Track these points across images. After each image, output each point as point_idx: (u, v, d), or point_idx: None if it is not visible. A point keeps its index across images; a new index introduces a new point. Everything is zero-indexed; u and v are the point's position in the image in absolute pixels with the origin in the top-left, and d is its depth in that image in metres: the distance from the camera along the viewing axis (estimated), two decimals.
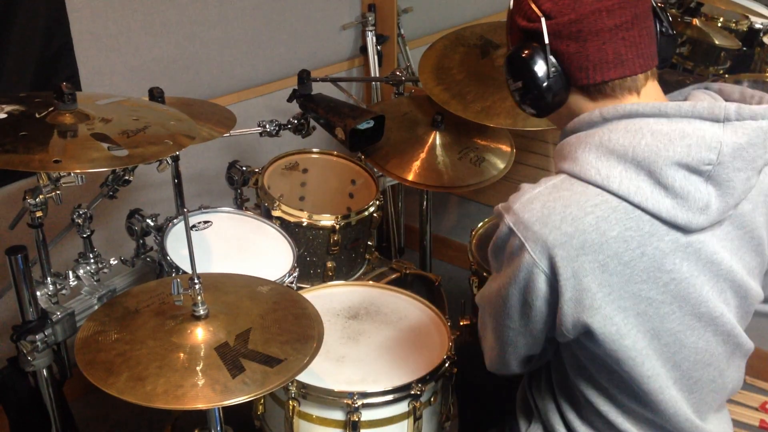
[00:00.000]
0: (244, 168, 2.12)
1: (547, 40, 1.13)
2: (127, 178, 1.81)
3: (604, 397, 1.21)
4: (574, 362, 1.22)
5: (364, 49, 3.01)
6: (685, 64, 3.32)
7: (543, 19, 1.13)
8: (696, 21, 3.25)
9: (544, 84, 1.15)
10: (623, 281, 1.09)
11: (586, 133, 1.13)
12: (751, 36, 3.28)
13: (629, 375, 1.14)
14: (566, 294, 1.09)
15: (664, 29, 1.19)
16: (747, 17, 3.29)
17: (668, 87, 1.23)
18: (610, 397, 1.21)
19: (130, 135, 1.45)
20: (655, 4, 1.17)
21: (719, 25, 3.29)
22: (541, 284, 1.11)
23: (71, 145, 1.40)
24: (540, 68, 1.15)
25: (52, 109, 1.48)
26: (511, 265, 1.13)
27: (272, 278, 1.65)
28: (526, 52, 1.15)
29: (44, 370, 1.71)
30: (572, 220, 1.07)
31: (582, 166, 1.10)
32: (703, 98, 1.15)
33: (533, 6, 1.14)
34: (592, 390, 1.22)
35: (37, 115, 1.47)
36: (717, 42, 3.17)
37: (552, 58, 1.14)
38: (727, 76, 3.09)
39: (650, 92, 1.16)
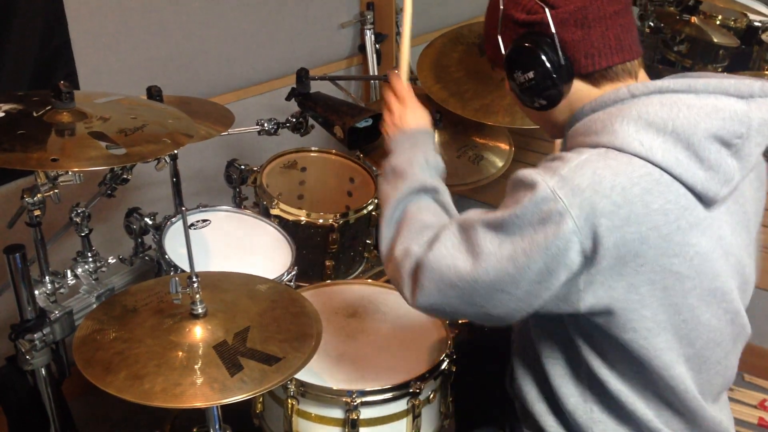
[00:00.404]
0: (242, 166, 2.12)
1: (553, 29, 1.14)
2: (125, 176, 1.81)
3: (615, 373, 1.20)
4: (587, 337, 1.21)
5: (362, 48, 3.01)
6: (684, 61, 3.32)
7: (547, 10, 1.14)
8: (694, 19, 3.25)
9: (554, 74, 1.16)
10: (658, 254, 1.09)
11: (618, 108, 1.13)
12: (749, 34, 3.28)
13: (641, 347, 1.14)
14: (601, 263, 1.07)
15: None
16: (746, 15, 3.30)
17: None
18: (621, 374, 1.20)
19: (128, 133, 1.45)
20: None
21: (718, 23, 3.29)
22: (574, 255, 1.07)
23: (69, 144, 1.40)
24: (549, 58, 1.16)
25: (49, 107, 1.48)
26: (545, 231, 1.07)
27: (271, 277, 1.65)
28: (531, 43, 1.16)
29: (43, 369, 1.71)
30: (621, 189, 1.06)
31: (624, 138, 1.09)
32: (726, 77, 1.15)
33: None
34: (603, 366, 1.21)
35: (34, 114, 1.47)
36: (715, 40, 3.17)
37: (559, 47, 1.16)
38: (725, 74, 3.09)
39: (644, 77, 1.20)
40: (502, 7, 1.22)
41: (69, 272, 1.77)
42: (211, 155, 2.56)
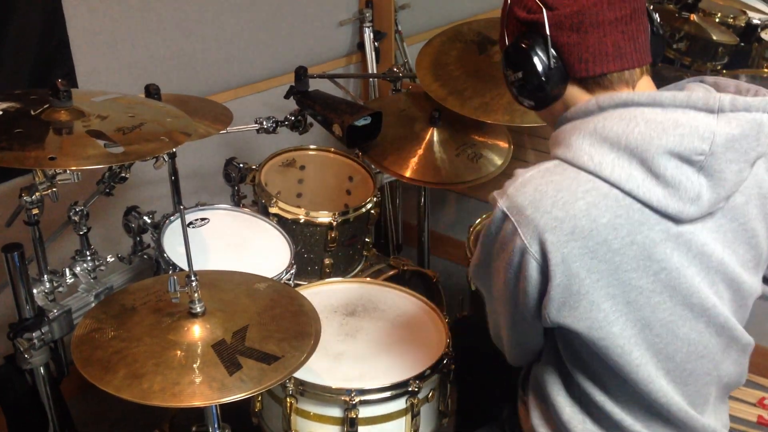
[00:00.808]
0: (241, 165, 2.11)
1: (548, 32, 1.13)
2: (123, 175, 1.80)
3: (598, 387, 1.21)
4: (570, 350, 1.22)
5: (361, 46, 3.01)
6: (683, 59, 3.31)
7: (544, 10, 1.13)
8: (693, 16, 3.24)
9: (544, 76, 1.16)
10: (612, 269, 1.09)
11: (582, 121, 1.14)
12: (748, 31, 3.28)
13: (617, 363, 1.14)
14: (555, 279, 1.09)
15: (655, 29, 1.21)
16: (745, 13, 3.29)
17: (665, 83, 1.23)
18: (604, 387, 1.20)
19: (126, 132, 1.45)
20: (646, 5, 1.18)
21: (717, 20, 3.29)
22: (533, 271, 1.11)
23: (67, 142, 1.40)
24: (540, 59, 1.15)
25: (47, 106, 1.47)
26: (505, 250, 1.13)
27: (269, 275, 1.65)
28: (526, 43, 1.16)
29: (41, 368, 1.70)
30: (563, 204, 1.07)
31: (575, 152, 1.10)
32: (698, 90, 1.15)
33: None
34: (587, 380, 1.21)
35: (32, 113, 1.46)
36: (714, 38, 3.17)
37: (552, 50, 1.14)
38: (724, 71, 3.09)
39: (644, 86, 1.17)
40: (508, 2, 1.21)
41: (67, 271, 1.77)
42: (209, 153, 2.56)
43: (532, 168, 1.14)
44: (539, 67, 1.15)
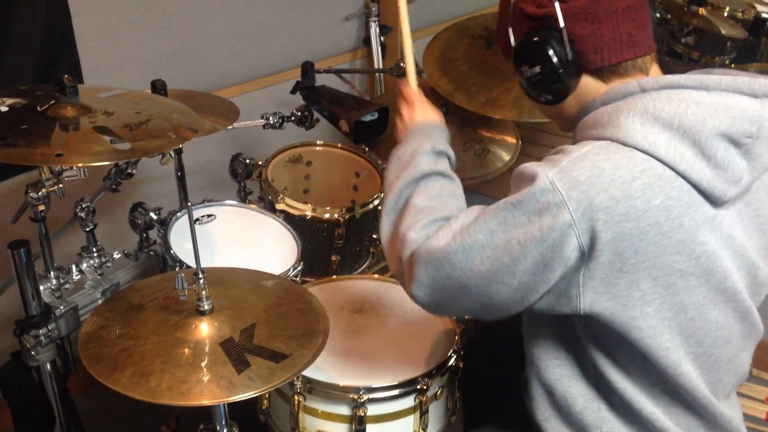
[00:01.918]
0: (247, 161, 2.10)
1: (562, 24, 1.13)
2: (129, 171, 1.80)
3: (622, 372, 1.19)
4: (594, 335, 1.19)
5: (367, 41, 3.00)
6: (691, 54, 3.29)
7: (557, 3, 1.13)
8: (702, 10, 3.22)
9: (561, 69, 1.15)
10: (660, 251, 1.08)
11: (626, 101, 1.12)
12: (757, 25, 3.25)
13: (648, 346, 1.13)
14: (600, 258, 1.06)
15: (653, 17, 1.22)
16: (753, 6, 3.27)
17: None
18: (628, 373, 1.19)
19: (132, 128, 1.44)
20: None
21: (725, 14, 3.26)
22: (570, 250, 1.06)
23: (73, 139, 1.39)
24: (557, 53, 1.15)
25: (53, 102, 1.47)
26: (540, 223, 1.06)
27: (276, 272, 1.64)
28: (542, 36, 1.15)
29: (48, 365, 1.70)
30: (621, 184, 1.05)
31: (627, 132, 1.08)
32: (742, 75, 1.14)
33: None
34: (610, 365, 1.19)
35: (38, 109, 1.45)
36: (723, 32, 3.14)
37: (567, 42, 1.14)
38: (733, 66, 3.07)
39: (656, 73, 1.18)
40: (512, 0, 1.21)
41: (74, 267, 1.76)
42: (215, 149, 2.55)
43: (585, 143, 1.10)
44: (554, 61, 1.15)
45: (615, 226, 1.05)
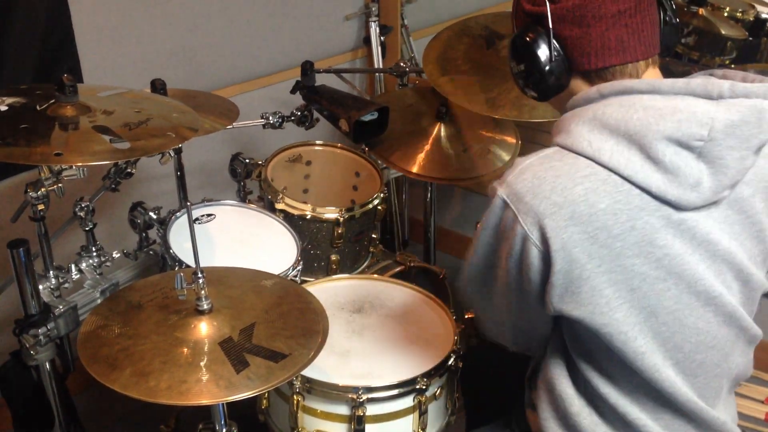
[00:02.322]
0: (247, 160, 2.10)
1: (550, 25, 1.14)
2: (129, 170, 1.80)
3: (603, 377, 1.19)
4: (574, 340, 1.21)
5: (367, 40, 2.99)
6: (691, 54, 3.29)
7: (547, 3, 1.14)
8: (702, 11, 3.22)
9: (546, 68, 1.16)
10: (614, 254, 1.09)
11: (582, 108, 1.15)
12: (757, 26, 3.25)
13: (621, 351, 1.13)
14: (556, 265, 1.09)
15: (668, 18, 1.21)
16: (753, 7, 3.26)
17: (673, 77, 1.22)
18: (609, 378, 1.19)
19: (132, 127, 1.44)
20: None
21: (725, 14, 3.26)
22: (534, 258, 1.11)
23: (73, 138, 1.39)
24: (543, 52, 1.16)
25: (53, 101, 1.47)
26: (507, 239, 1.13)
27: (276, 272, 1.64)
28: (529, 35, 1.17)
29: (47, 364, 1.70)
30: (562, 190, 1.07)
31: (574, 138, 1.11)
32: (697, 77, 1.14)
33: None
34: (592, 370, 1.20)
35: (38, 108, 1.45)
36: (723, 32, 3.14)
37: (555, 43, 1.15)
38: (733, 66, 3.06)
39: (652, 77, 1.18)
40: None
41: (73, 267, 1.76)
42: (215, 149, 2.55)
43: (530, 156, 1.15)
44: (541, 59, 1.16)
45: (562, 231, 1.07)
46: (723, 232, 1.13)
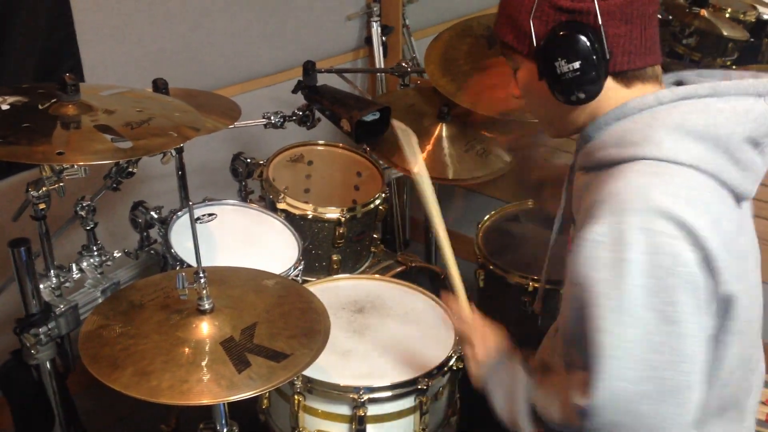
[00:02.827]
0: (248, 160, 2.10)
1: (600, 20, 1.09)
2: (130, 170, 1.79)
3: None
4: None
5: (368, 40, 2.99)
6: (692, 55, 3.29)
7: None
8: (704, 12, 3.22)
9: (599, 67, 1.11)
10: (739, 258, 1.09)
11: (650, 116, 1.11)
12: (759, 27, 3.25)
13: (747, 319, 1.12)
14: (723, 275, 1.04)
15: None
16: (755, 8, 3.26)
17: None
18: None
19: (134, 127, 1.43)
20: None
21: (727, 15, 3.26)
22: (703, 280, 1.02)
23: (75, 137, 1.39)
24: (596, 50, 1.10)
25: (55, 100, 1.46)
26: (663, 271, 1.01)
27: (277, 271, 1.64)
28: (574, 32, 1.10)
29: (48, 363, 1.70)
30: (700, 203, 1.04)
31: (670, 149, 1.07)
32: (745, 76, 1.14)
33: None
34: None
35: (40, 107, 1.45)
36: (725, 33, 3.14)
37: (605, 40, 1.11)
38: (734, 67, 3.06)
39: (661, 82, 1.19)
40: None
41: (74, 266, 1.76)
42: (216, 148, 2.55)
43: (628, 174, 1.06)
44: (594, 58, 1.10)
45: (713, 239, 1.02)
46: (750, 221, 1.18)
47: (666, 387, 1.02)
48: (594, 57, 1.10)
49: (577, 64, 1.11)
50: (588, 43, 1.10)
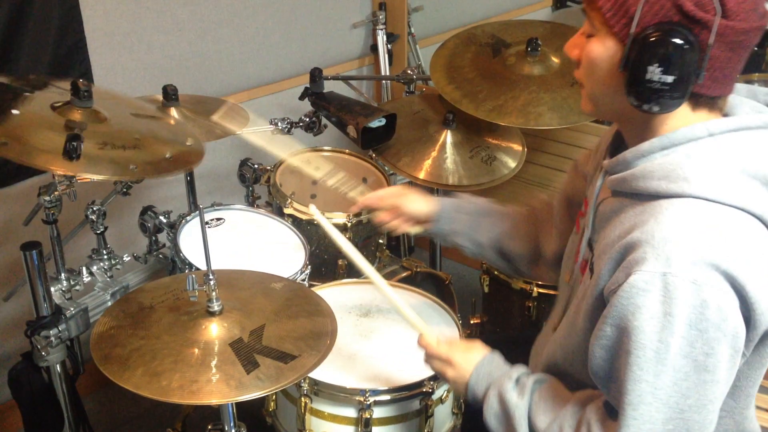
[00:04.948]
0: (255, 165, 2.13)
1: (712, 40, 1.01)
2: None
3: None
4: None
5: (374, 48, 3.02)
6: None
7: (719, 16, 1.00)
8: None
9: (689, 84, 1.03)
10: None
11: (698, 148, 1.06)
12: (762, 36, 3.26)
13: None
14: (764, 323, 1.02)
15: None
16: None
17: None
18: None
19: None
20: None
21: None
22: (743, 331, 1.01)
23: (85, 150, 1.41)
24: (695, 70, 1.02)
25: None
26: (716, 332, 0.98)
27: (285, 275, 1.66)
28: (691, 46, 1.01)
29: (57, 366, 1.72)
30: (748, 252, 1.01)
31: (719, 190, 1.03)
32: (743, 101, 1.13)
33: None
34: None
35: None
36: None
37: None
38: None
39: None
40: None
41: (84, 270, 1.78)
42: (224, 154, 2.57)
43: (677, 220, 1.02)
44: (688, 78, 1.02)
45: (752, 282, 0.99)
46: None
47: (689, 428, 1.02)
48: (690, 77, 1.02)
49: (670, 79, 1.02)
50: (693, 62, 1.01)
